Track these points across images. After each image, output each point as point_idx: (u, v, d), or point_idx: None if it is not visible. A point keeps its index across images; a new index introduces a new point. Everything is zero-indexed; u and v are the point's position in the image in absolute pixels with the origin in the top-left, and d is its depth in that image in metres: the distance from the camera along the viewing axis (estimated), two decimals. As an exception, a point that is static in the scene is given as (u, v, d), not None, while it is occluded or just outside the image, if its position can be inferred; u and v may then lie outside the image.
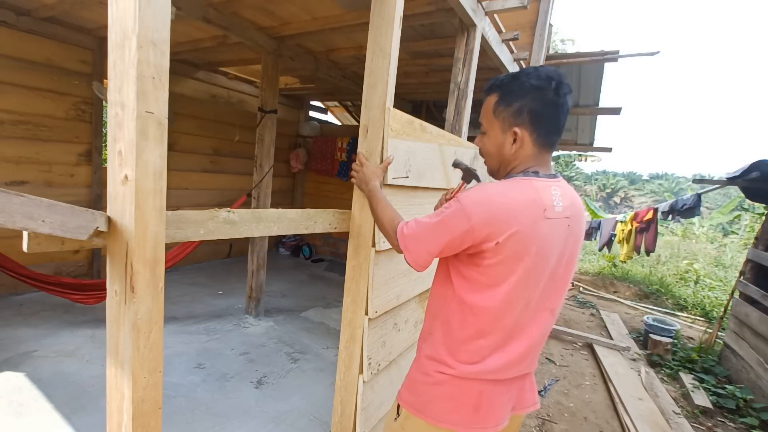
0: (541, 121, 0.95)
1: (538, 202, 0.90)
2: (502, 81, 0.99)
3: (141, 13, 0.69)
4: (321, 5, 2.41)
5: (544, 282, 0.94)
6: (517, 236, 0.87)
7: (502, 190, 0.91)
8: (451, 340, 0.98)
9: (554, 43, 15.34)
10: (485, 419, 0.97)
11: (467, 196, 0.92)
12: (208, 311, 3.45)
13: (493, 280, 0.92)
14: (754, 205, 9.32)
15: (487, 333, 0.95)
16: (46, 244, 0.70)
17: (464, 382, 0.96)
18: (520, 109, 0.94)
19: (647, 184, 38.24)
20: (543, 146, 0.97)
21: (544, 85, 0.92)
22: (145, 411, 0.83)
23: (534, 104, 0.93)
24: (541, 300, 0.96)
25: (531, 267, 0.91)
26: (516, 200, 0.89)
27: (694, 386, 3.11)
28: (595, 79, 4.09)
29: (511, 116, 0.96)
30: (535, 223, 0.89)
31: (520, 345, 0.97)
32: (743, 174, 3.31)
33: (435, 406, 0.99)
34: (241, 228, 1.04)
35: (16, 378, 2.20)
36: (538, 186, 0.92)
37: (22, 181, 3.28)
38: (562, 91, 0.93)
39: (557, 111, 0.94)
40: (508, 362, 0.97)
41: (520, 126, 0.95)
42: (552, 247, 0.92)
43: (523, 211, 0.88)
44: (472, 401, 0.97)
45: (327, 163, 5.58)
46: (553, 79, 0.92)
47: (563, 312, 4.94)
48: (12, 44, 3.07)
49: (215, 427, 1.99)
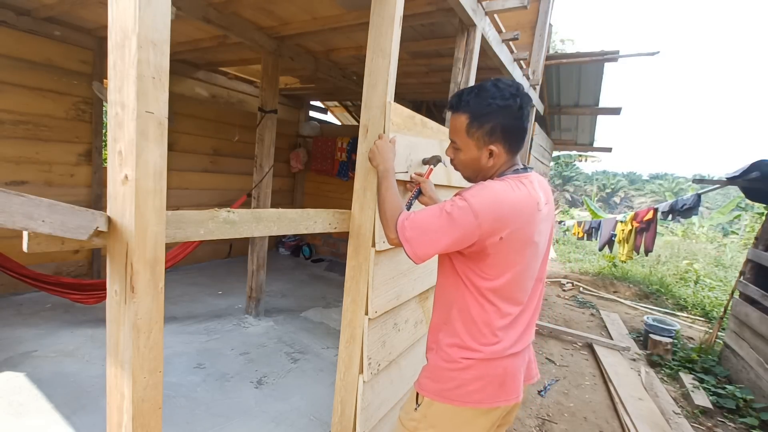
0: (512, 135, 1.04)
1: (532, 197, 1.01)
2: (469, 102, 1.04)
3: (141, 13, 0.69)
4: (321, 5, 2.41)
5: (538, 261, 1.08)
6: (520, 231, 0.98)
7: (505, 189, 0.98)
8: (471, 326, 1.05)
9: (554, 43, 15.33)
10: (509, 392, 1.06)
11: (473, 195, 0.97)
12: (208, 311, 3.45)
13: (501, 270, 1.01)
14: (754, 205, 9.32)
15: (503, 314, 1.04)
16: (46, 244, 0.70)
17: (491, 362, 1.04)
18: (492, 129, 1.02)
19: (647, 184, 38.25)
20: (512, 153, 1.08)
21: (510, 103, 1.00)
22: (145, 411, 0.83)
23: (504, 122, 1.02)
24: (537, 274, 1.10)
25: (532, 253, 1.03)
26: (518, 198, 0.98)
27: (694, 386, 3.11)
28: (595, 79, 4.09)
29: (485, 135, 1.03)
30: (532, 216, 1.00)
31: (525, 316, 1.09)
32: (743, 174, 3.31)
33: (462, 390, 1.04)
34: (241, 228, 1.04)
35: (15, 378, 2.20)
36: (527, 182, 1.03)
37: (22, 181, 3.28)
38: (525, 105, 1.02)
39: (523, 123, 1.04)
40: (521, 334, 1.07)
41: (494, 143, 1.04)
42: (544, 233, 1.06)
43: (524, 207, 0.98)
44: (498, 379, 1.04)
45: (327, 163, 5.58)
46: (517, 96, 1.01)
47: (563, 312, 4.94)
48: (12, 44, 3.07)
49: (215, 427, 2.00)
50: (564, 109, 4.69)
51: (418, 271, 1.77)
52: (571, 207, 22.29)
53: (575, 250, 9.55)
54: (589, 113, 4.67)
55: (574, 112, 4.68)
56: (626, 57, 3.58)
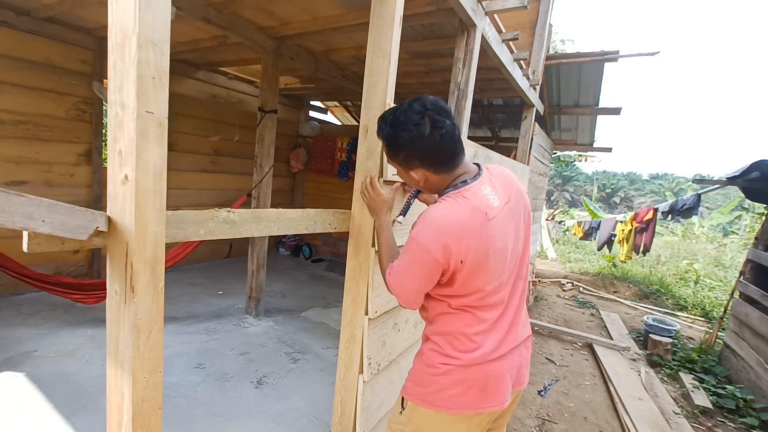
0: (430, 159, 1.00)
1: (477, 209, 0.96)
2: (383, 129, 1.04)
3: (141, 13, 0.69)
4: (321, 5, 2.41)
5: (509, 261, 1.04)
6: (474, 247, 0.95)
7: (443, 212, 0.97)
8: (448, 334, 1.05)
9: (554, 43, 15.33)
10: (492, 399, 1.03)
11: (418, 231, 0.98)
12: (208, 311, 3.45)
13: (469, 287, 1.00)
14: (754, 205, 9.32)
15: (480, 320, 1.02)
16: (46, 244, 0.70)
17: (470, 368, 1.02)
18: (406, 158, 1.02)
19: (647, 184, 38.26)
20: (449, 170, 1.03)
21: (418, 132, 0.96)
22: (145, 411, 0.83)
23: (416, 151, 0.99)
24: (514, 273, 1.07)
25: (493, 263, 0.99)
26: (460, 218, 0.95)
27: (694, 386, 3.11)
28: (595, 79, 4.09)
29: (402, 164, 1.05)
30: (483, 228, 0.96)
31: (506, 318, 1.06)
32: (743, 174, 3.31)
33: (443, 394, 1.03)
34: (241, 228, 1.04)
35: (15, 378, 2.20)
36: (469, 195, 0.98)
37: (22, 181, 3.28)
38: (438, 126, 0.96)
39: (442, 143, 0.98)
40: (504, 337, 1.05)
41: (414, 169, 1.03)
42: (503, 239, 1.00)
43: (470, 224, 0.95)
44: (479, 384, 1.02)
45: (327, 163, 5.58)
46: (423, 123, 0.95)
47: (563, 312, 4.94)
48: (12, 44, 3.07)
49: (215, 426, 2.00)
50: (564, 109, 4.69)
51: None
52: (571, 207, 22.29)
53: (575, 250, 9.55)
54: (589, 113, 4.67)
55: (574, 112, 4.68)
56: (626, 57, 3.58)
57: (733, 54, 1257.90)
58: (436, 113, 0.97)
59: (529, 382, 2.93)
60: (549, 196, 23.49)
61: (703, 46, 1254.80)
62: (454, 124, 0.99)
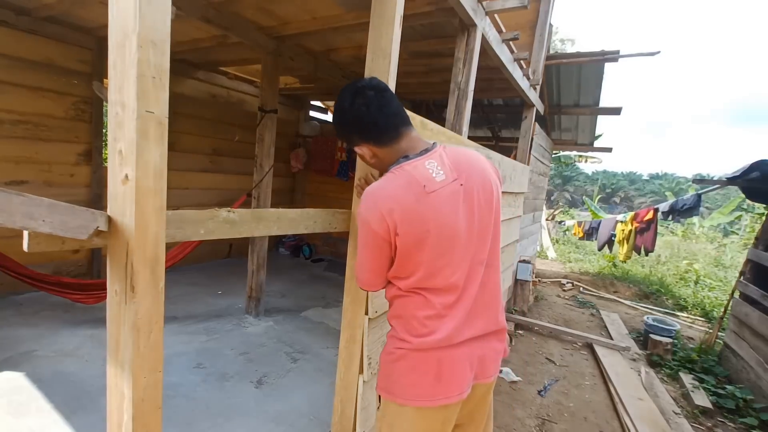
0: (362, 130, 1.04)
1: (414, 182, 0.96)
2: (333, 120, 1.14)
3: (141, 13, 0.69)
4: (321, 5, 2.40)
5: (463, 244, 0.99)
6: (408, 221, 0.94)
7: (378, 186, 1.00)
8: (404, 321, 1.04)
9: (554, 42, 15.33)
10: (448, 388, 1.00)
11: (360, 207, 1.01)
12: (207, 311, 3.45)
13: (410, 266, 0.99)
14: (754, 205, 9.33)
15: (431, 304, 1.00)
16: (47, 244, 0.70)
17: (421, 353, 1.01)
18: (347, 136, 1.10)
19: (647, 184, 38.27)
20: (390, 141, 1.04)
21: (342, 116, 1.05)
22: (145, 410, 0.83)
23: (349, 129, 1.07)
24: (469, 258, 1.01)
25: (436, 240, 0.96)
26: (393, 190, 0.97)
27: (694, 386, 3.11)
28: (596, 79, 4.09)
29: (348, 143, 1.13)
30: (420, 200, 0.94)
31: (463, 305, 1.02)
32: (743, 174, 3.31)
33: (399, 382, 1.03)
34: (241, 228, 1.04)
35: (15, 378, 2.19)
36: (409, 168, 0.98)
37: (22, 181, 3.28)
38: (358, 100, 1.01)
39: (368, 113, 1.01)
40: (458, 325, 1.01)
41: (359, 146, 1.07)
42: (449, 214, 0.96)
43: (403, 196, 0.95)
44: (432, 370, 1.00)
45: (327, 162, 5.58)
46: (350, 97, 1.02)
47: (563, 312, 4.94)
48: (12, 44, 3.07)
49: (215, 426, 2.00)
50: (564, 109, 4.69)
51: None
52: (571, 207, 22.29)
53: (575, 250, 9.55)
54: (589, 113, 4.67)
55: (574, 112, 4.68)
56: (626, 57, 3.58)
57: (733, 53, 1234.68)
58: (365, 87, 1.02)
59: (529, 382, 2.95)
60: (549, 196, 23.47)
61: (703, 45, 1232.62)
62: (381, 95, 1.02)
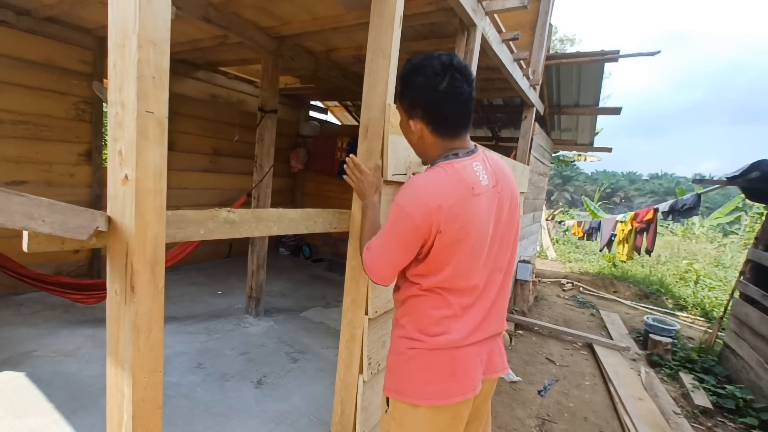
0: (433, 114, 0.98)
1: (463, 182, 0.95)
2: (404, 72, 1.02)
3: (141, 13, 0.69)
4: (321, 5, 2.40)
5: (487, 249, 1.00)
6: (454, 221, 0.92)
7: (427, 180, 0.96)
8: (417, 320, 1.02)
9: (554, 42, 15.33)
10: (461, 385, 1.01)
11: (401, 195, 0.96)
12: (208, 311, 3.45)
13: (441, 263, 0.97)
14: (754, 205, 9.33)
15: (449, 304, 1.00)
16: (47, 244, 0.70)
17: (435, 352, 1.00)
18: (412, 104, 1.00)
19: (647, 184, 38.27)
20: (445, 136, 1.00)
21: (432, 80, 0.95)
22: (145, 411, 0.83)
23: (424, 99, 0.98)
24: (491, 263, 1.03)
25: (472, 243, 0.96)
26: (444, 187, 0.94)
27: (694, 386, 3.11)
28: (595, 79, 4.09)
29: (408, 109, 1.02)
30: (466, 202, 0.94)
31: (480, 308, 1.03)
32: (743, 174, 3.31)
33: (412, 382, 1.02)
34: (242, 228, 1.04)
35: (15, 378, 2.20)
36: (459, 167, 0.96)
37: (22, 181, 3.28)
38: (455, 84, 0.95)
39: (449, 103, 0.96)
40: (474, 327, 1.02)
41: (414, 119, 1.01)
42: (486, 219, 0.98)
43: (454, 196, 0.93)
44: (446, 368, 1.00)
45: (327, 162, 5.58)
46: (440, 74, 0.94)
47: (563, 312, 4.94)
48: (12, 44, 3.07)
49: (215, 426, 2.00)
50: (564, 109, 4.68)
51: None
52: (571, 207, 22.28)
53: (575, 250, 9.55)
54: (589, 113, 4.67)
55: (574, 112, 4.68)
56: (626, 57, 3.58)
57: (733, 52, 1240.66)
58: (458, 73, 0.95)
59: (529, 382, 2.95)
60: (549, 196, 23.48)
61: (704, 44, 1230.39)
62: (470, 91, 0.98)
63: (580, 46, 18.34)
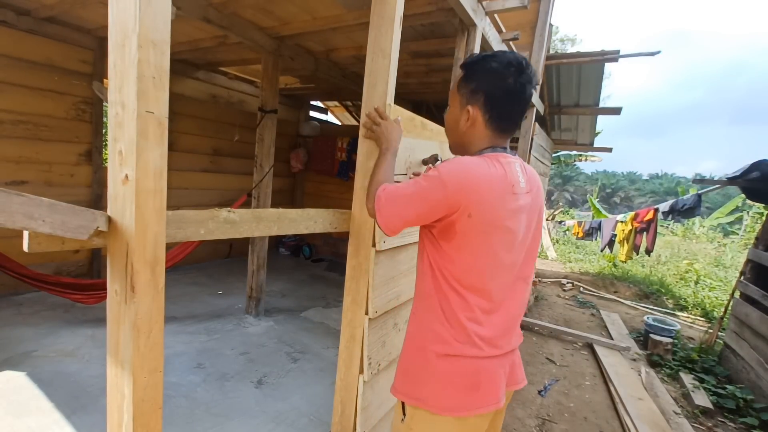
0: (494, 105, 0.99)
1: (506, 178, 0.95)
2: (472, 59, 1.02)
3: (141, 13, 0.69)
4: (321, 5, 2.40)
5: (515, 253, 1.00)
6: (488, 210, 0.92)
7: (477, 163, 0.95)
8: (437, 321, 1.00)
9: (554, 42, 15.32)
10: (485, 398, 0.99)
11: (444, 165, 0.95)
12: (208, 311, 3.45)
13: (467, 252, 0.95)
14: (754, 205, 9.32)
15: (470, 307, 0.98)
16: (47, 244, 0.70)
17: (459, 361, 0.98)
18: (476, 89, 1.00)
19: (647, 184, 38.26)
20: (496, 130, 1.02)
21: (504, 70, 0.96)
22: (146, 411, 0.83)
23: (490, 87, 0.98)
24: (516, 271, 1.02)
25: (502, 240, 0.95)
26: (488, 175, 0.93)
27: (695, 386, 3.11)
28: (596, 79, 4.08)
29: (468, 95, 1.01)
30: (504, 197, 0.94)
31: (502, 316, 1.01)
32: (743, 174, 3.31)
33: (436, 393, 0.99)
34: (242, 228, 1.04)
35: (16, 377, 2.20)
36: (504, 162, 0.98)
37: (22, 181, 3.28)
38: (520, 80, 0.96)
39: (513, 97, 0.98)
40: (498, 335, 1.00)
41: (473, 105, 1.00)
42: (519, 221, 0.98)
43: (495, 186, 0.93)
44: (470, 380, 0.98)
45: (327, 163, 5.58)
46: (513, 66, 0.95)
47: (563, 312, 4.93)
48: (12, 44, 3.07)
49: (215, 426, 2.00)
50: (564, 109, 4.68)
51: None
52: (571, 207, 22.27)
53: (575, 251, 9.55)
54: (590, 113, 4.66)
55: (574, 112, 4.67)
56: (627, 57, 3.57)
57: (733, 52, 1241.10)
58: (528, 72, 0.97)
59: (529, 382, 2.95)
60: (549, 196, 23.48)
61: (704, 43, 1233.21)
62: (531, 94, 0.99)
63: (581, 46, 18.33)
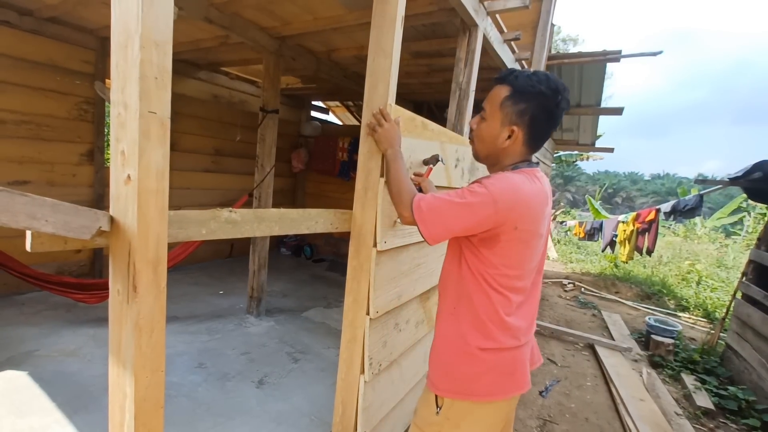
0: (537, 127, 1.05)
1: (543, 191, 1.06)
2: (517, 77, 1.05)
3: (144, 14, 0.69)
4: (322, 5, 2.41)
5: (540, 251, 1.11)
6: (531, 223, 1.02)
7: (523, 181, 1.02)
8: (479, 319, 1.06)
9: (556, 42, 15.30)
10: (519, 382, 1.10)
11: (493, 183, 1.00)
12: (209, 311, 3.46)
13: (508, 259, 1.04)
14: (756, 206, 9.29)
15: (510, 303, 1.06)
16: (49, 244, 0.70)
17: (500, 353, 1.06)
18: (524, 110, 1.03)
19: (649, 184, 38.17)
20: (531, 147, 1.09)
21: (551, 96, 1.02)
22: (147, 410, 0.84)
23: (537, 110, 1.03)
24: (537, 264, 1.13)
25: (537, 244, 1.07)
26: (532, 191, 1.02)
27: (696, 387, 3.10)
28: (597, 79, 4.08)
29: (515, 114, 1.04)
30: (541, 208, 1.05)
31: (528, 307, 1.13)
32: (745, 174, 3.30)
33: (478, 383, 1.06)
34: (243, 228, 1.05)
35: (17, 377, 2.20)
36: (539, 176, 1.07)
37: (24, 181, 3.29)
38: (562, 106, 1.03)
39: (552, 122, 1.06)
40: (526, 326, 1.11)
41: (518, 126, 1.05)
42: (544, 226, 1.09)
43: (538, 201, 1.04)
44: (509, 369, 1.08)
45: (328, 163, 5.58)
46: (559, 93, 1.02)
47: (565, 313, 4.93)
48: (15, 44, 3.08)
49: (216, 426, 2.00)
50: (565, 110, 4.67)
51: (419, 272, 1.77)
52: (572, 207, 22.23)
53: (576, 251, 9.53)
54: (591, 113, 4.65)
55: (576, 112, 4.66)
56: (629, 57, 3.56)
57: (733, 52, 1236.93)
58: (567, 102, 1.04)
59: (530, 383, 2.95)
60: (550, 197, 23.37)
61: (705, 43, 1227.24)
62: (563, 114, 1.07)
63: (583, 46, 18.31)
